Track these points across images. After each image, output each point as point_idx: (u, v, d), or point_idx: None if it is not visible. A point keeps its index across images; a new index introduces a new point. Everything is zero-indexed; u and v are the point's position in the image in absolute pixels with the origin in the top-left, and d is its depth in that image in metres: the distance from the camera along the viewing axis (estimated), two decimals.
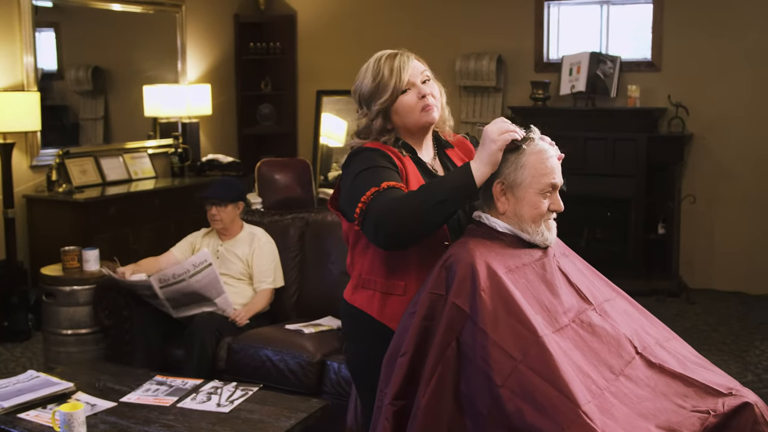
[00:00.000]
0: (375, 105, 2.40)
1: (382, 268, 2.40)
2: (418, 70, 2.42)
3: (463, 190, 2.19)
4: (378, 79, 2.40)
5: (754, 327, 5.95)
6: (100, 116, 7.21)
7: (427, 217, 2.16)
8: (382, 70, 2.40)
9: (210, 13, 7.88)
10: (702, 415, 2.01)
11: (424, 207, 2.15)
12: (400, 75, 2.38)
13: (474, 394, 2.03)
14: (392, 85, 2.38)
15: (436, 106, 2.44)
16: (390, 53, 2.45)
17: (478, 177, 2.18)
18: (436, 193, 2.16)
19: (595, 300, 2.27)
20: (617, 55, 7.01)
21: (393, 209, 2.17)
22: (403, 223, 2.16)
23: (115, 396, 3.39)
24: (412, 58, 2.44)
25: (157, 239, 6.18)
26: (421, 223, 2.17)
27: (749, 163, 6.74)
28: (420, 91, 2.40)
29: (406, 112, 2.40)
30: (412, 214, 2.16)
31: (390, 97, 2.38)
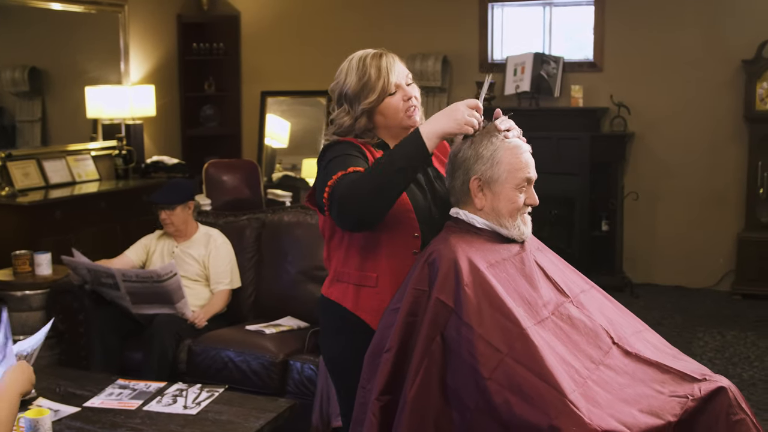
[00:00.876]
0: (361, 104, 2.42)
1: (355, 260, 2.44)
2: (403, 72, 2.47)
3: (417, 157, 2.23)
4: (365, 79, 2.41)
5: (696, 319, 6.13)
6: (37, 118, 7.06)
7: (387, 187, 2.20)
8: (368, 70, 2.41)
9: (153, 14, 7.78)
10: (681, 399, 2.08)
11: (382, 177, 2.20)
12: (387, 77, 2.41)
13: (460, 388, 2.07)
14: (380, 86, 2.41)
15: (419, 109, 2.49)
16: (375, 53, 2.47)
17: (431, 146, 2.24)
18: (393, 162, 2.21)
19: (571, 293, 2.33)
20: (560, 56, 7.15)
21: (354, 185, 2.22)
22: (365, 196, 2.20)
23: (77, 401, 3.34)
24: (397, 60, 2.48)
25: (104, 242, 6.09)
26: (382, 193, 2.20)
27: (688, 161, 6.93)
28: (406, 94, 2.45)
29: (391, 114, 2.44)
30: (372, 186, 2.20)
31: (377, 98, 2.41)
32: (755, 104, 6.56)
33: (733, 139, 6.78)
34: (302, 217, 4.54)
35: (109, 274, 4.10)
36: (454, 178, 2.37)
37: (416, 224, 2.41)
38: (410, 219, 2.41)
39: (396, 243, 2.39)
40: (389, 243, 2.39)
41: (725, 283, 6.85)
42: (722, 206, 6.88)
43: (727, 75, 6.73)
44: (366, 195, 2.20)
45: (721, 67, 6.74)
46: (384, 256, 2.40)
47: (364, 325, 2.41)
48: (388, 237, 2.38)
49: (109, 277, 4.11)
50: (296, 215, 4.57)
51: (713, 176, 6.88)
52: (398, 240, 2.39)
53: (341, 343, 2.52)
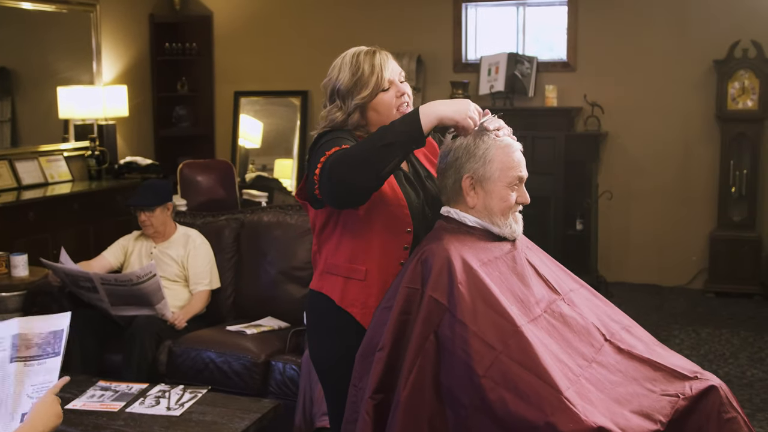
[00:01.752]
0: (354, 100, 2.42)
1: (346, 252, 2.44)
2: (396, 69, 2.48)
3: (409, 135, 2.21)
4: (358, 75, 2.41)
5: (671, 317, 6.19)
6: (6, 118, 6.97)
7: (375, 160, 2.18)
8: (362, 66, 2.42)
9: (125, 13, 7.71)
10: (672, 398, 2.09)
11: (372, 151, 2.18)
12: (381, 73, 2.42)
13: (455, 386, 2.07)
14: (373, 82, 2.41)
15: (411, 106, 2.48)
16: (368, 50, 2.47)
17: (426, 126, 2.21)
18: (384, 136, 2.20)
19: (562, 290, 2.35)
20: (534, 56, 7.18)
21: (345, 155, 2.21)
22: (353, 167, 2.18)
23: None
24: (390, 57, 2.49)
25: (78, 244, 6.03)
26: (371, 167, 2.18)
27: (661, 160, 7.00)
28: (399, 90, 2.45)
29: (384, 110, 2.43)
30: (361, 157, 2.19)
31: (370, 93, 2.41)
32: (727, 104, 6.64)
33: (705, 139, 6.86)
34: (281, 218, 4.52)
35: (87, 278, 4.06)
36: (445, 176, 2.38)
37: (409, 219, 2.42)
38: (404, 214, 2.41)
39: (388, 236, 2.40)
40: (382, 236, 2.39)
41: (698, 282, 6.93)
42: (695, 205, 6.95)
43: (698, 75, 6.81)
44: (355, 163, 2.19)
45: (693, 67, 6.81)
46: (375, 249, 2.40)
47: (350, 318, 2.41)
48: (381, 230, 2.39)
49: (87, 280, 4.07)
50: (275, 215, 4.55)
51: (686, 175, 6.96)
52: (391, 233, 2.40)
53: (327, 340, 2.51)
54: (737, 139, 6.69)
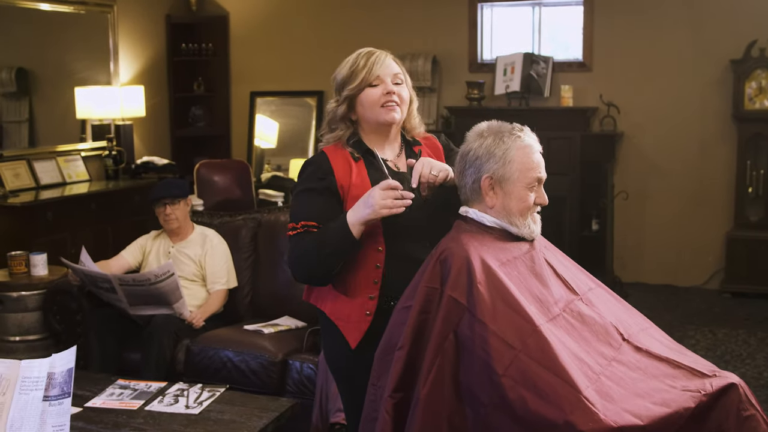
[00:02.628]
0: (344, 91, 2.51)
1: None
2: (391, 69, 2.51)
3: (345, 243, 2.38)
4: (353, 68, 2.50)
5: (686, 318, 6.18)
6: (25, 118, 7.02)
7: (321, 267, 2.42)
8: (358, 61, 2.50)
9: (142, 14, 7.76)
10: (694, 393, 2.10)
11: (317, 260, 2.40)
12: (372, 68, 2.48)
13: (474, 385, 2.08)
14: (362, 75, 2.48)
15: (399, 107, 2.50)
16: (372, 49, 2.55)
17: (356, 233, 2.37)
18: (325, 245, 2.39)
19: (579, 290, 2.35)
20: (550, 56, 7.18)
21: (297, 258, 2.46)
22: (310, 271, 2.45)
23: (78, 401, 3.32)
24: (389, 58, 2.54)
25: (96, 243, 6.06)
26: (317, 272, 2.44)
27: (677, 160, 6.99)
28: (386, 88, 2.48)
29: (369, 105, 2.49)
30: (310, 265, 2.43)
31: (358, 85, 2.48)
32: (744, 103, 6.63)
33: (722, 139, 6.84)
34: None
35: (105, 279, 4.09)
36: (464, 176, 2.39)
37: (381, 238, 2.46)
38: (376, 233, 2.45)
39: (361, 256, 2.46)
40: (356, 255, 2.46)
41: (714, 282, 6.91)
42: (711, 205, 6.93)
43: (715, 74, 6.79)
44: (310, 268, 2.43)
45: (710, 66, 6.80)
46: (350, 268, 2.48)
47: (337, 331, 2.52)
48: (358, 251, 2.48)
49: (105, 281, 4.10)
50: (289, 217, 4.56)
51: (702, 175, 6.94)
52: (363, 253, 2.46)
53: (332, 341, 2.59)
54: (754, 138, 6.67)
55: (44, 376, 2.32)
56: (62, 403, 2.35)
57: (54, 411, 2.35)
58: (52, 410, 2.34)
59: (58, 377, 2.34)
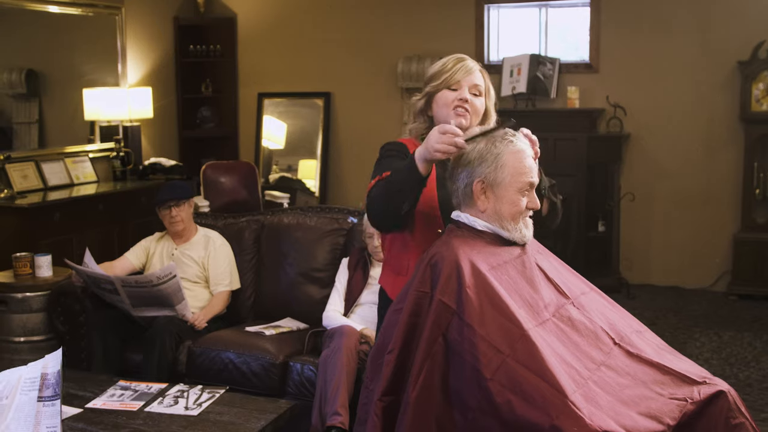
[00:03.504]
0: (427, 87, 2.66)
1: (395, 248, 2.65)
2: (472, 79, 2.63)
3: (411, 180, 2.37)
4: (441, 68, 2.65)
5: (692, 320, 6.16)
6: (34, 120, 7.06)
7: (393, 203, 2.40)
8: (447, 63, 2.65)
9: (150, 16, 7.79)
10: (680, 402, 2.10)
11: (387, 195, 2.41)
12: (455, 72, 2.60)
13: (462, 388, 2.09)
14: (445, 77, 2.61)
15: (469, 115, 2.59)
16: (464, 56, 2.69)
17: (422, 169, 2.36)
18: (394, 182, 2.40)
19: (571, 294, 2.36)
20: (556, 57, 7.18)
21: (374, 199, 2.47)
22: (380, 209, 2.46)
23: (79, 402, 3.35)
24: (476, 70, 2.66)
25: (102, 244, 6.10)
26: (389, 208, 2.42)
27: (684, 161, 6.97)
28: (461, 94, 2.59)
29: (442, 105, 2.61)
30: (381, 201, 2.44)
31: (438, 85, 2.61)
32: (751, 105, 6.60)
33: (728, 140, 6.82)
34: (301, 219, 4.56)
35: (108, 281, 4.12)
36: (457, 180, 2.40)
37: (440, 221, 2.55)
38: (435, 216, 2.56)
39: (421, 237, 2.54)
40: (416, 236, 2.54)
41: (721, 284, 6.88)
42: (718, 207, 6.91)
43: (722, 76, 6.77)
44: (380, 207, 2.45)
45: (717, 68, 6.77)
46: (414, 247, 2.55)
47: None
48: (416, 230, 2.56)
49: (108, 283, 4.13)
50: (295, 217, 4.59)
51: (709, 177, 6.92)
52: (425, 233, 2.54)
53: None
54: (761, 140, 6.64)
55: (38, 377, 2.34)
56: (55, 404, 2.37)
57: (48, 412, 2.36)
58: (45, 411, 2.36)
59: (50, 378, 2.36)
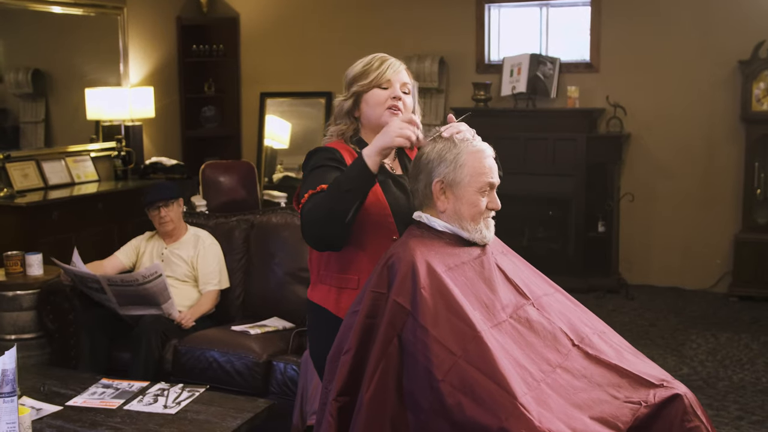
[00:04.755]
0: (354, 86, 2.57)
1: (336, 263, 2.52)
2: (402, 77, 2.58)
3: (360, 178, 2.30)
4: (367, 67, 2.58)
5: (690, 321, 6.12)
6: (40, 119, 7.12)
7: (336, 208, 2.28)
8: (373, 62, 2.58)
9: (152, 16, 7.83)
10: (633, 405, 2.09)
11: (333, 199, 2.29)
12: (385, 71, 2.55)
13: (415, 389, 2.09)
14: (374, 75, 2.55)
15: (402, 114, 2.53)
16: (387, 55, 2.62)
17: (372, 165, 2.29)
18: (340, 184, 2.30)
19: (532, 295, 2.35)
20: (557, 57, 7.16)
21: (313, 209, 2.33)
22: (320, 218, 2.31)
23: (60, 400, 3.37)
24: (403, 68, 2.60)
25: (101, 243, 6.13)
26: (333, 215, 2.29)
27: (684, 161, 6.93)
28: (394, 92, 2.55)
29: (374, 104, 2.55)
30: (324, 209, 2.30)
31: (368, 84, 2.54)
32: (751, 105, 6.56)
33: (729, 140, 6.78)
34: (290, 219, 4.57)
35: (94, 279, 4.15)
36: (417, 180, 2.40)
37: (394, 227, 2.48)
38: (388, 222, 2.48)
39: (375, 246, 2.45)
40: (367, 247, 2.46)
41: (722, 285, 6.84)
42: (719, 207, 6.87)
43: (723, 76, 6.73)
44: (321, 219, 2.31)
45: (718, 67, 6.74)
46: (364, 259, 2.47)
47: None
48: (368, 240, 2.46)
49: (94, 281, 4.16)
50: (284, 217, 4.60)
51: (710, 177, 6.88)
52: (377, 243, 2.46)
53: (325, 341, 2.57)
54: (762, 140, 6.60)
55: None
56: (13, 400, 2.39)
57: (7, 408, 2.38)
58: (5, 407, 2.38)
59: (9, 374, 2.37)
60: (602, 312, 6.36)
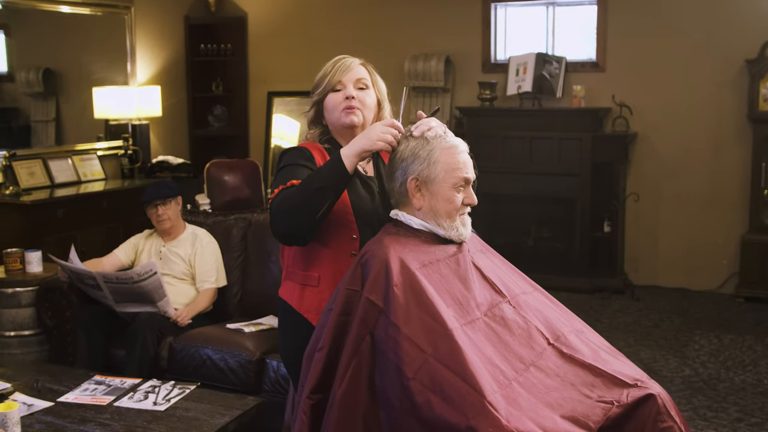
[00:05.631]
0: (314, 96, 2.62)
1: (301, 260, 2.54)
2: (354, 75, 2.57)
3: (335, 177, 2.32)
4: (322, 74, 2.60)
5: (695, 322, 6.08)
6: (51, 118, 7.17)
7: (309, 204, 2.30)
8: (327, 67, 2.60)
9: (160, 15, 7.87)
10: (606, 405, 2.08)
11: (304, 194, 2.30)
12: (335, 74, 2.56)
13: (387, 387, 2.09)
14: (326, 82, 2.57)
15: (359, 111, 2.54)
16: (342, 57, 2.63)
17: (349, 165, 2.32)
18: (315, 181, 2.32)
19: (509, 293, 2.34)
20: (563, 56, 7.12)
21: (282, 202, 2.34)
22: (292, 215, 2.32)
23: (52, 396, 3.40)
24: (356, 64, 2.60)
25: (106, 241, 6.14)
26: (303, 210, 2.31)
27: (691, 161, 6.89)
28: (346, 93, 2.54)
29: (330, 109, 2.57)
30: (295, 203, 2.31)
31: (323, 90, 2.58)
32: (759, 104, 6.50)
33: (736, 140, 6.72)
34: None
35: (90, 276, 4.17)
36: (393, 179, 2.40)
37: (354, 226, 2.48)
38: (348, 221, 2.48)
39: (335, 244, 2.47)
40: (329, 244, 2.47)
41: (729, 286, 6.79)
42: (725, 207, 6.82)
43: (730, 75, 6.68)
44: (292, 211, 2.31)
45: (725, 67, 6.69)
46: (325, 257, 2.48)
47: (308, 324, 2.48)
48: (328, 238, 2.47)
49: (91, 278, 4.18)
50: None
51: (716, 177, 6.83)
52: (337, 241, 2.47)
53: (290, 341, 2.59)
54: None
55: None
56: None
57: None
58: None
59: None
60: (606, 312, 6.34)
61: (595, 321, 6.11)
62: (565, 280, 6.86)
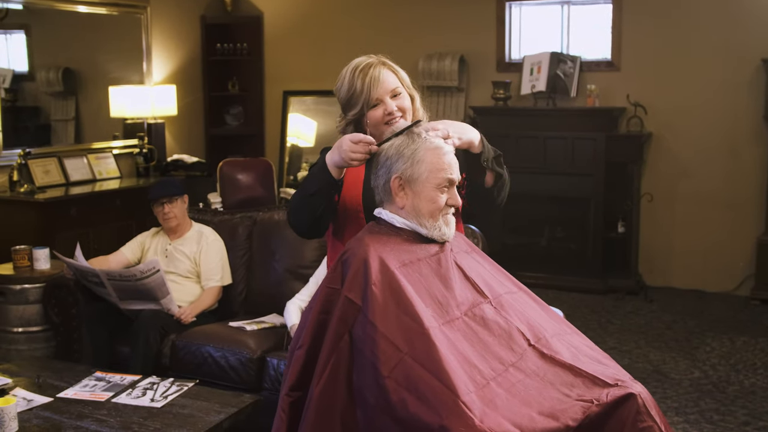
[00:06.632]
0: (348, 115, 2.57)
1: (329, 255, 2.69)
2: (388, 86, 2.52)
3: (323, 184, 2.42)
4: (352, 92, 2.54)
5: (708, 324, 6.02)
6: (71, 117, 7.24)
7: (304, 207, 2.46)
8: (355, 83, 2.52)
9: (176, 15, 7.91)
10: (585, 404, 2.06)
11: (301, 199, 2.47)
12: (370, 92, 2.50)
13: (363, 385, 2.09)
14: (362, 101, 2.52)
15: (403, 118, 2.53)
16: (365, 64, 2.55)
17: (335, 174, 2.41)
18: (308, 187, 2.45)
19: (492, 294, 2.32)
20: (577, 55, 7.08)
21: (291, 200, 2.54)
22: (296, 214, 2.50)
23: (52, 391, 3.43)
24: (384, 71, 2.54)
25: (119, 239, 6.18)
26: (301, 212, 2.47)
27: (706, 162, 6.82)
28: (387, 109, 2.51)
29: (373, 124, 2.53)
30: (298, 207, 2.49)
31: (360, 110, 2.53)
32: None
33: (752, 140, 6.65)
34: None
35: (94, 274, 4.20)
36: (377, 177, 2.39)
37: (364, 223, 2.49)
38: (359, 218, 2.51)
39: (347, 241, 2.48)
40: (345, 240, 2.51)
41: (745, 288, 6.71)
42: (742, 208, 6.74)
43: (746, 74, 6.60)
44: (295, 212, 2.50)
45: (741, 66, 6.61)
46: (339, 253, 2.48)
47: None
48: (344, 234, 2.54)
49: (95, 276, 4.21)
50: (285, 214, 4.62)
51: (732, 177, 6.75)
52: (348, 238, 2.48)
53: None
54: None
55: None
56: None
57: None
58: None
59: None
60: (619, 313, 6.29)
61: (607, 322, 6.06)
62: (578, 280, 6.82)
